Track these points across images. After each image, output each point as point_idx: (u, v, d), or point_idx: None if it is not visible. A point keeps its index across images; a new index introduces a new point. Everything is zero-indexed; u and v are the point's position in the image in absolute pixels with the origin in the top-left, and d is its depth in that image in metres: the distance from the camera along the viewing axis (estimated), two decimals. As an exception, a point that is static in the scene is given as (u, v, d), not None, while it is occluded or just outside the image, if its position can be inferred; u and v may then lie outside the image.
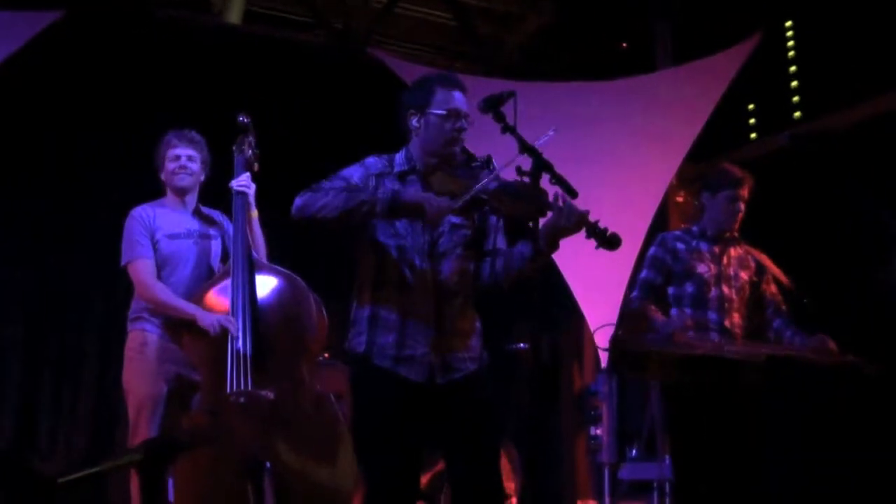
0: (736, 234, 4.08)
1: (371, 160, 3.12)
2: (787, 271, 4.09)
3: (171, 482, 3.65)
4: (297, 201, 2.99)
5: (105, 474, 1.82)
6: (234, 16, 6.93)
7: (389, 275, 3.00)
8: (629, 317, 4.00)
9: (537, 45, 7.75)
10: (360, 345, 3.01)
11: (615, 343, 4.02)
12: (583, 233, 2.86)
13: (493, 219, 3.13)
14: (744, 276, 4.04)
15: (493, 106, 2.90)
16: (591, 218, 2.82)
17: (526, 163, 2.85)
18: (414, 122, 3.09)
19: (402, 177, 3.07)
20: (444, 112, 3.01)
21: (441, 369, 2.97)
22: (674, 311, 3.96)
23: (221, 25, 6.86)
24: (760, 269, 4.05)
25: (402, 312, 2.97)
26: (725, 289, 3.96)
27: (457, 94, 3.05)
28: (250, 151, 4.23)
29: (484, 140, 3.12)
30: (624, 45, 7.70)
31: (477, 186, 2.84)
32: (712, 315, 3.92)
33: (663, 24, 7.41)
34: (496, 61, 7.53)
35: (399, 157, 3.12)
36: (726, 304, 3.94)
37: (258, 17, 7.15)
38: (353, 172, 3.07)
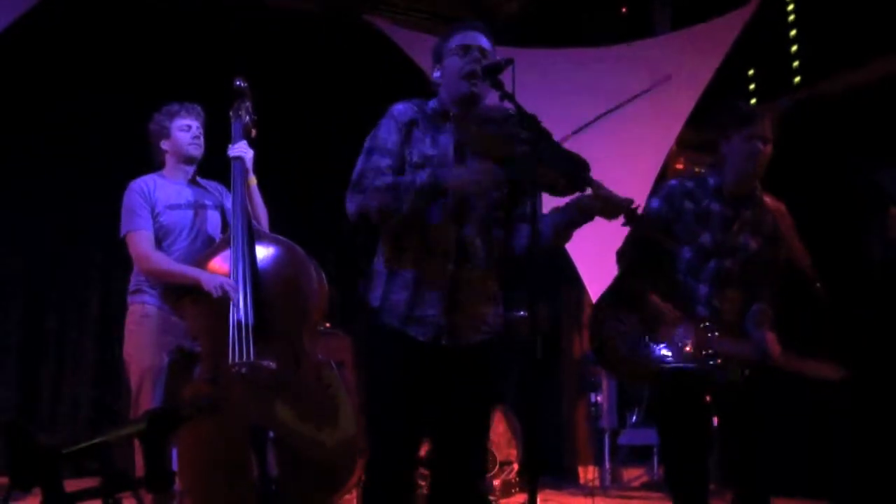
0: (756, 192, 3.56)
1: (398, 108, 3.01)
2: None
3: (174, 452, 3.67)
4: (350, 207, 2.92)
5: (109, 445, 1.83)
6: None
7: (412, 232, 2.94)
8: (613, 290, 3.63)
9: (536, 11, 7.70)
10: (376, 299, 2.98)
11: (596, 344, 3.64)
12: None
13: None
14: (754, 245, 3.54)
15: (491, 73, 2.88)
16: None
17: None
18: (437, 74, 3.06)
19: (433, 119, 3.00)
20: (454, 47, 2.99)
21: (448, 333, 2.93)
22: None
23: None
24: (774, 237, 3.56)
25: (420, 271, 2.91)
26: (727, 262, 3.52)
27: (471, 33, 3.01)
28: (248, 117, 4.20)
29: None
30: (623, 10, 7.65)
31: (513, 171, 2.82)
32: (703, 288, 3.51)
33: (663, -12, 7.38)
34: (495, 28, 7.46)
35: (431, 103, 3.06)
36: (723, 277, 3.51)
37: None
38: (386, 136, 2.96)
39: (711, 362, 3.41)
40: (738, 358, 3.44)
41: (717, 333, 3.44)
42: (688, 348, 3.43)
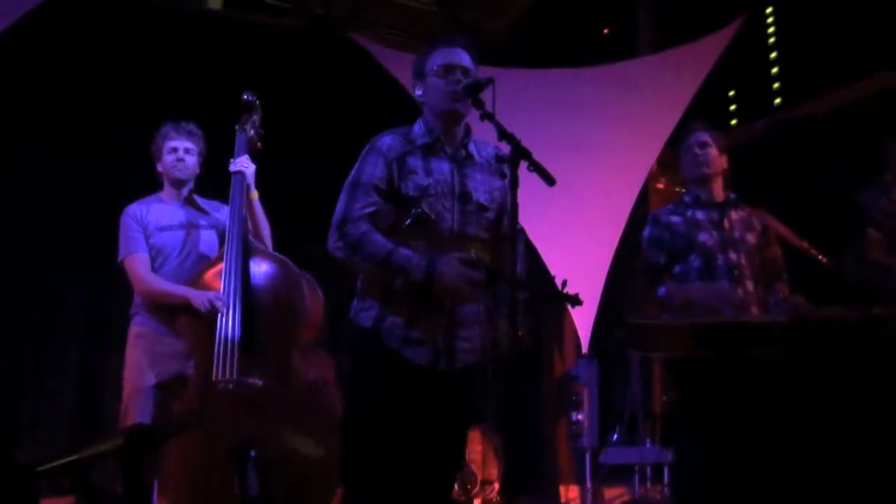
0: (731, 197, 3.78)
1: (385, 142, 2.98)
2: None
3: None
4: (333, 249, 2.91)
5: (85, 462, 1.82)
6: (215, 0, 6.91)
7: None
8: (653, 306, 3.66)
9: (519, 31, 7.75)
10: (369, 319, 2.93)
11: (628, 324, 3.59)
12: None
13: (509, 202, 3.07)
14: (751, 239, 3.70)
15: (472, 92, 2.87)
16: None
17: (505, 149, 2.84)
18: (419, 92, 3.04)
19: (425, 149, 2.98)
20: (436, 67, 2.97)
21: (446, 356, 2.92)
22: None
23: (203, 10, 6.84)
24: (765, 234, 3.72)
25: (416, 292, 2.86)
26: (733, 255, 3.64)
27: (452, 50, 3.01)
28: (253, 131, 4.19)
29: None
30: (605, 31, 7.71)
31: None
32: (724, 284, 3.60)
33: (645, 10, 7.44)
34: (478, 47, 7.51)
35: (417, 128, 3.03)
36: (736, 272, 3.62)
37: (239, 1, 7.12)
38: (372, 171, 2.93)
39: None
40: (771, 320, 3.48)
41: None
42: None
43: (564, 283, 2.81)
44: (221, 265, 3.86)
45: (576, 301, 2.84)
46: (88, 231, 5.78)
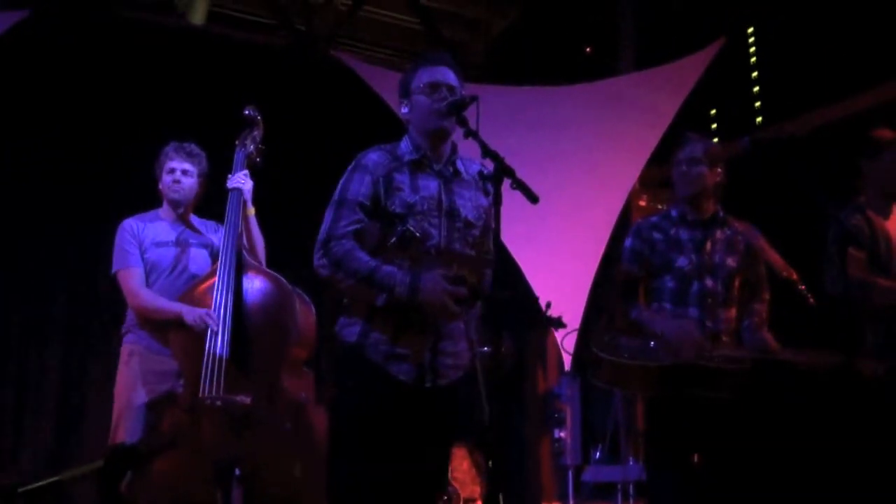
0: (719, 214, 3.73)
1: (371, 159, 2.98)
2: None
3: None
4: (318, 266, 2.91)
5: (65, 483, 1.80)
6: (198, 17, 6.89)
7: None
8: (614, 319, 3.67)
9: (502, 49, 7.77)
10: (353, 334, 2.92)
11: (592, 355, 3.64)
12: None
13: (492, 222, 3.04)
14: (731, 262, 3.66)
15: (456, 110, 2.89)
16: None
17: (488, 166, 2.85)
18: (405, 110, 3.05)
19: (412, 166, 2.98)
20: (422, 85, 2.98)
21: (430, 372, 2.91)
22: (654, 306, 3.67)
23: (184, 26, 6.82)
24: (748, 254, 3.69)
25: (400, 309, 2.86)
26: (709, 281, 3.61)
27: (438, 68, 3.02)
28: (252, 146, 4.18)
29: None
30: (588, 49, 7.74)
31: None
32: (693, 311, 3.58)
33: (627, 28, 7.48)
34: (461, 65, 7.53)
35: (403, 145, 3.03)
36: (709, 300, 3.59)
37: (221, 18, 7.10)
38: (357, 188, 2.93)
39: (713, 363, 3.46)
40: (739, 357, 3.51)
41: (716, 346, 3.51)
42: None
43: (548, 305, 2.82)
44: (213, 280, 3.87)
45: (559, 324, 2.85)
46: (73, 247, 5.74)
